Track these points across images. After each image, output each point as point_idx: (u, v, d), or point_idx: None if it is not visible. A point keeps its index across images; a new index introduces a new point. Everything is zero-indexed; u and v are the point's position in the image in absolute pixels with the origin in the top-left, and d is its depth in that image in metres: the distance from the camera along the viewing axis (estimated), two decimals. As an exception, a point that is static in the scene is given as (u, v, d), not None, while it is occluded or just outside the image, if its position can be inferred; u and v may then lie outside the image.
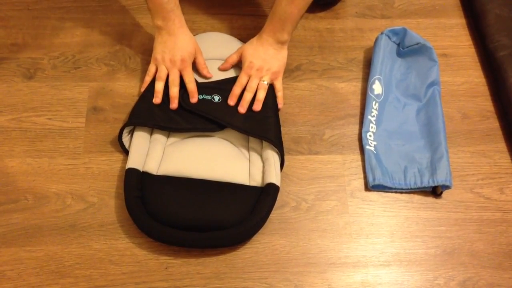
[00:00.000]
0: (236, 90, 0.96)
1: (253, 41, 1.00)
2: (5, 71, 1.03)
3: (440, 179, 0.93)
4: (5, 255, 0.84)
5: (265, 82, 0.96)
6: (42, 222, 0.88)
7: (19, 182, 0.91)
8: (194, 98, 0.95)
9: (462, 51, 1.13)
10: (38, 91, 1.01)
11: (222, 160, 0.91)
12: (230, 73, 1.01)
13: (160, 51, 0.96)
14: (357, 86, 1.06)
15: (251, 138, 0.96)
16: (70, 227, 0.87)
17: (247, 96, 0.95)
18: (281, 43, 0.97)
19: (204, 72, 0.99)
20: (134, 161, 0.88)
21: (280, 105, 0.99)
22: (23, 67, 1.03)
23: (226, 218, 0.85)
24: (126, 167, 0.88)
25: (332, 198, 0.93)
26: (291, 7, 0.92)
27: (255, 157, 0.93)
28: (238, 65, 1.02)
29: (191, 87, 0.95)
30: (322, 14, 1.14)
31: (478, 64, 1.11)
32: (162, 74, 0.95)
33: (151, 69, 0.98)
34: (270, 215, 0.89)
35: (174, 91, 0.95)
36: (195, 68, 1.00)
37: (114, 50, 1.07)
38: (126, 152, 0.93)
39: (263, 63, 0.97)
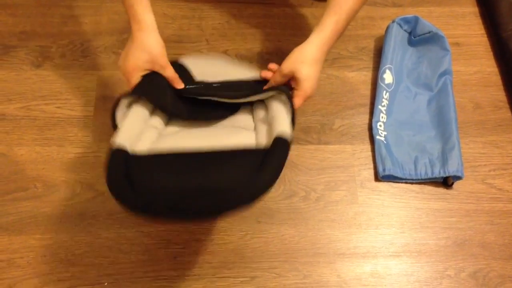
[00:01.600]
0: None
1: (313, 55, 0.79)
2: (13, 59, 1.02)
3: (451, 170, 0.92)
4: (15, 242, 0.85)
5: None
6: (52, 211, 0.88)
7: (28, 171, 0.91)
8: (179, 83, 0.81)
9: (475, 40, 1.11)
10: (46, 80, 1.00)
11: (222, 134, 0.79)
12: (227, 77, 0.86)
13: (124, 57, 0.78)
14: (367, 75, 1.05)
15: (255, 113, 0.82)
16: (79, 216, 0.88)
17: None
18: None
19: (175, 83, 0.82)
20: (124, 139, 0.72)
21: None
22: (31, 56, 1.03)
23: (227, 182, 0.67)
24: (114, 146, 0.70)
25: (342, 188, 0.93)
26: (346, 24, 0.81)
27: (260, 126, 0.79)
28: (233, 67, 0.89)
29: (171, 74, 0.80)
30: (332, 2, 1.12)
31: (491, 53, 1.10)
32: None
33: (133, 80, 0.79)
34: (279, 204, 0.88)
35: (169, 72, 0.80)
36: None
37: (122, 38, 1.06)
38: (114, 128, 0.77)
39: (312, 85, 0.80)
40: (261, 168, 0.66)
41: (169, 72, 0.80)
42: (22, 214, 0.87)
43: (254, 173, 0.66)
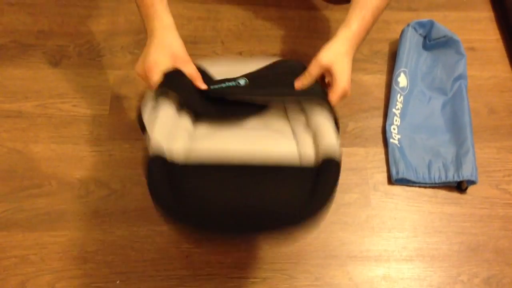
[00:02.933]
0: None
1: (344, 50, 0.78)
2: (31, 57, 1.04)
3: (465, 174, 0.91)
4: (28, 239, 0.85)
5: None
6: (66, 208, 0.89)
7: (44, 168, 0.92)
8: (202, 84, 0.76)
9: (490, 45, 1.11)
10: (63, 78, 1.02)
11: (260, 139, 0.75)
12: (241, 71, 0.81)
13: (144, 55, 0.77)
14: (381, 78, 1.05)
15: (291, 116, 0.79)
16: (93, 213, 0.88)
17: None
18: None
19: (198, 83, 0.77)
20: (159, 142, 0.67)
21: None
22: (49, 54, 1.04)
23: (279, 204, 0.65)
24: (152, 151, 0.66)
25: (355, 191, 0.92)
26: (372, 23, 0.81)
27: (302, 135, 0.74)
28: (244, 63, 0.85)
29: (192, 71, 0.77)
30: (347, 5, 1.12)
31: (506, 58, 1.09)
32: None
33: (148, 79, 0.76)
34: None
35: (189, 69, 0.76)
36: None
37: (138, 39, 1.07)
38: (141, 128, 0.73)
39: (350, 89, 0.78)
40: (313, 193, 0.64)
41: (191, 69, 0.76)
42: (36, 210, 0.88)
43: (307, 197, 0.64)
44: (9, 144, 0.94)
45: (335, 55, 0.76)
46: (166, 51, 0.75)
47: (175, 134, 0.72)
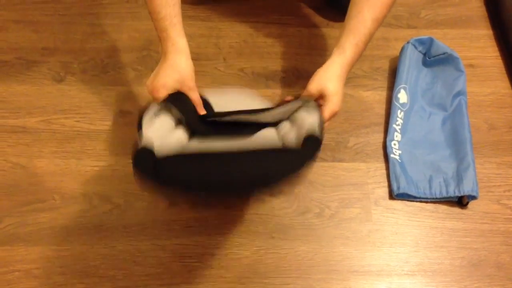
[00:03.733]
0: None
1: (337, 74, 0.83)
2: (36, 74, 1.05)
3: (466, 189, 0.92)
4: (32, 253, 0.86)
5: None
6: (69, 222, 0.89)
7: (47, 182, 0.93)
8: (202, 110, 0.83)
9: (489, 62, 1.12)
10: (67, 94, 1.03)
11: (246, 141, 0.79)
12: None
13: (156, 75, 0.81)
14: (382, 94, 1.06)
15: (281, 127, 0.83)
16: (95, 228, 0.89)
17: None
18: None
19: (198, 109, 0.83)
20: (151, 139, 0.72)
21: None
22: (53, 71, 1.06)
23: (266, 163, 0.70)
24: (141, 144, 0.71)
25: (356, 206, 0.93)
26: (374, 25, 0.83)
27: (285, 125, 0.81)
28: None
29: (196, 97, 0.82)
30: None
31: (505, 75, 1.11)
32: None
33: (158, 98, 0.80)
34: (294, 221, 0.89)
35: (194, 95, 0.82)
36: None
37: (141, 56, 1.09)
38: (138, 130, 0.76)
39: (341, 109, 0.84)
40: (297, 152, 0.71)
41: (195, 96, 0.81)
42: (40, 225, 0.89)
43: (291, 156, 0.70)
44: (14, 159, 0.95)
45: (330, 79, 0.82)
46: (175, 75, 0.80)
47: (167, 139, 0.76)
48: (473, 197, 0.92)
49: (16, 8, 1.14)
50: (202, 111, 0.82)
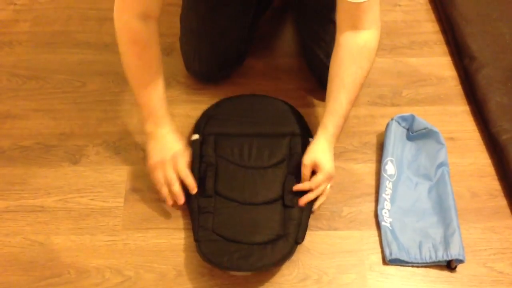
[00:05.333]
0: (308, 186, 1.00)
1: (325, 147, 1.01)
2: (53, 157, 1.15)
3: (453, 253, 0.98)
4: (48, 325, 0.91)
5: (328, 187, 1.03)
6: (83, 295, 0.95)
7: (63, 258, 1.00)
8: (194, 190, 1.00)
9: (468, 135, 1.22)
10: (82, 175, 1.12)
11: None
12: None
13: (152, 156, 1.01)
14: (371, 167, 1.15)
15: None
16: (108, 300, 0.94)
17: (312, 196, 1.00)
18: (335, 140, 1.03)
19: (188, 180, 1.01)
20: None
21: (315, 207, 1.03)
22: (69, 153, 1.15)
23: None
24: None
25: (352, 272, 0.99)
26: (349, 106, 0.99)
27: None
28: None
29: (189, 181, 1.00)
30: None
31: (483, 146, 1.20)
32: (161, 180, 1.00)
33: (155, 182, 1.02)
34: (294, 287, 0.95)
35: (174, 189, 0.99)
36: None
37: (150, 137, 1.19)
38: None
39: (332, 167, 1.01)
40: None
41: (185, 177, 1.01)
42: (55, 298, 0.94)
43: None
44: (32, 236, 1.02)
45: (319, 153, 1.01)
46: (177, 147, 1.03)
47: None
48: (461, 261, 0.99)
49: (36, 98, 1.25)
50: (194, 191, 1.01)
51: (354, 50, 0.96)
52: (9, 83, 1.29)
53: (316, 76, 1.22)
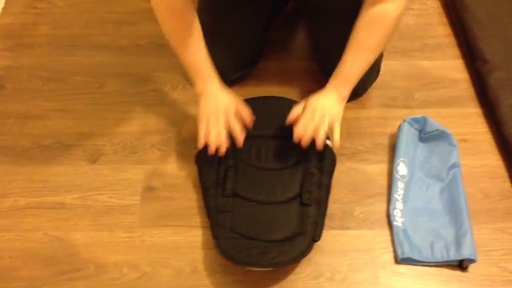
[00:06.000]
0: (300, 131, 1.02)
1: (317, 93, 1.07)
2: (72, 156, 1.18)
3: (465, 253, 1.00)
4: (68, 318, 0.94)
5: (325, 128, 1.04)
6: (101, 289, 0.98)
7: (82, 253, 1.02)
8: (239, 142, 1.06)
9: (480, 137, 1.23)
10: (100, 173, 1.15)
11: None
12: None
13: (206, 111, 1.05)
14: (383, 167, 1.17)
15: None
16: (126, 294, 0.97)
17: (308, 134, 1.03)
18: (343, 98, 1.07)
19: (248, 122, 1.09)
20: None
21: (335, 147, 1.06)
22: (88, 153, 1.18)
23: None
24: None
25: (364, 270, 1.01)
26: (355, 68, 1.04)
27: None
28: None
29: (237, 132, 1.05)
30: (349, 104, 1.26)
31: (496, 148, 1.21)
32: (209, 127, 1.04)
33: (202, 128, 1.04)
34: (307, 285, 0.98)
35: (221, 136, 1.03)
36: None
37: (166, 137, 1.21)
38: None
39: (324, 109, 1.04)
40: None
41: (236, 125, 1.06)
42: (75, 292, 0.97)
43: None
44: (53, 232, 1.05)
45: (311, 97, 1.06)
46: (230, 101, 1.07)
47: None
48: (472, 261, 1.00)
49: (56, 99, 1.29)
50: (239, 136, 1.06)
51: (370, 17, 0.99)
52: (30, 84, 1.32)
53: (328, 78, 1.24)
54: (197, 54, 1.04)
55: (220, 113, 1.05)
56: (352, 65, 1.04)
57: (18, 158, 1.17)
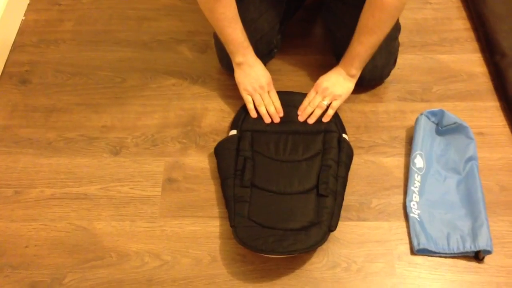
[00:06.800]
0: (305, 103, 1.20)
1: (328, 74, 1.21)
2: (96, 148, 1.21)
3: (481, 244, 1.00)
4: (92, 304, 0.97)
5: (325, 103, 1.19)
6: (124, 277, 1.01)
7: (105, 242, 1.06)
8: (280, 113, 1.19)
9: (497, 130, 1.23)
10: (122, 165, 1.18)
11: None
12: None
13: (248, 82, 1.19)
14: (400, 160, 1.18)
15: None
16: (147, 282, 1.00)
17: (308, 110, 1.19)
18: (350, 76, 1.19)
19: (277, 104, 1.21)
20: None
21: (325, 120, 1.18)
22: (110, 145, 1.22)
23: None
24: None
25: (380, 261, 1.02)
26: (359, 48, 1.13)
27: None
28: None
29: (278, 105, 1.20)
30: (367, 98, 1.28)
31: (513, 141, 1.21)
32: (260, 101, 1.19)
33: (247, 98, 1.20)
34: (324, 274, 0.99)
35: (272, 109, 1.19)
36: None
37: (186, 130, 1.24)
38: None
39: (330, 85, 1.19)
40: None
41: (274, 94, 1.22)
42: (98, 280, 1.01)
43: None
44: (76, 222, 1.09)
45: (321, 78, 1.22)
46: (268, 74, 1.21)
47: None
48: (488, 252, 1.01)
49: (80, 93, 1.32)
50: (280, 114, 1.19)
51: (370, 2, 1.07)
52: (55, 79, 1.36)
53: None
54: (237, 29, 1.13)
55: (265, 87, 1.19)
56: (356, 46, 1.13)
57: (44, 150, 1.21)
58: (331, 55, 1.34)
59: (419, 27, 1.46)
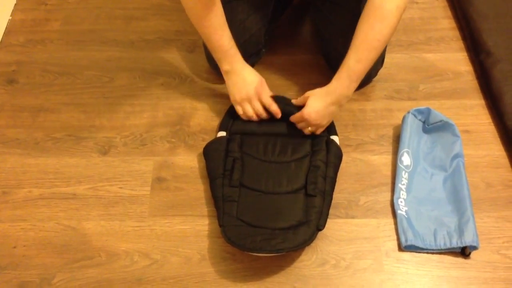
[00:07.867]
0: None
1: (322, 93, 1.10)
2: (84, 148, 1.21)
3: (467, 240, 1.02)
4: (81, 304, 0.97)
5: (309, 129, 1.14)
6: (113, 276, 1.01)
7: (94, 242, 1.06)
8: (278, 115, 1.15)
9: (483, 127, 1.25)
10: (111, 165, 1.18)
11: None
12: None
13: (236, 92, 1.15)
14: (387, 158, 1.19)
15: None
16: (137, 281, 1.00)
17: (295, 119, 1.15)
18: (344, 96, 1.10)
19: (273, 108, 1.16)
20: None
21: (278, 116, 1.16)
22: (99, 145, 1.21)
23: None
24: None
25: (368, 258, 1.03)
26: (358, 66, 1.05)
27: None
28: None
29: (274, 108, 1.15)
30: (355, 96, 1.29)
31: (498, 139, 1.23)
32: (250, 113, 1.16)
33: (239, 110, 1.17)
34: (313, 271, 1.00)
35: (264, 117, 1.16)
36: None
37: (175, 130, 1.24)
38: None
39: (320, 119, 1.11)
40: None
41: (266, 99, 1.15)
42: (87, 279, 1.00)
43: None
44: (65, 222, 1.08)
45: (311, 98, 1.11)
46: (257, 80, 1.16)
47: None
48: (475, 248, 1.02)
49: (68, 93, 1.32)
50: (278, 116, 1.15)
51: (369, 11, 1.01)
52: (42, 78, 1.36)
53: (334, 70, 1.26)
54: (223, 36, 1.10)
55: (252, 95, 1.14)
56: (354, 64, 1.05)
57: (31, 150, 1.20)
58: (320, 55, 1.35)
59: (405, 27, 1.47)
